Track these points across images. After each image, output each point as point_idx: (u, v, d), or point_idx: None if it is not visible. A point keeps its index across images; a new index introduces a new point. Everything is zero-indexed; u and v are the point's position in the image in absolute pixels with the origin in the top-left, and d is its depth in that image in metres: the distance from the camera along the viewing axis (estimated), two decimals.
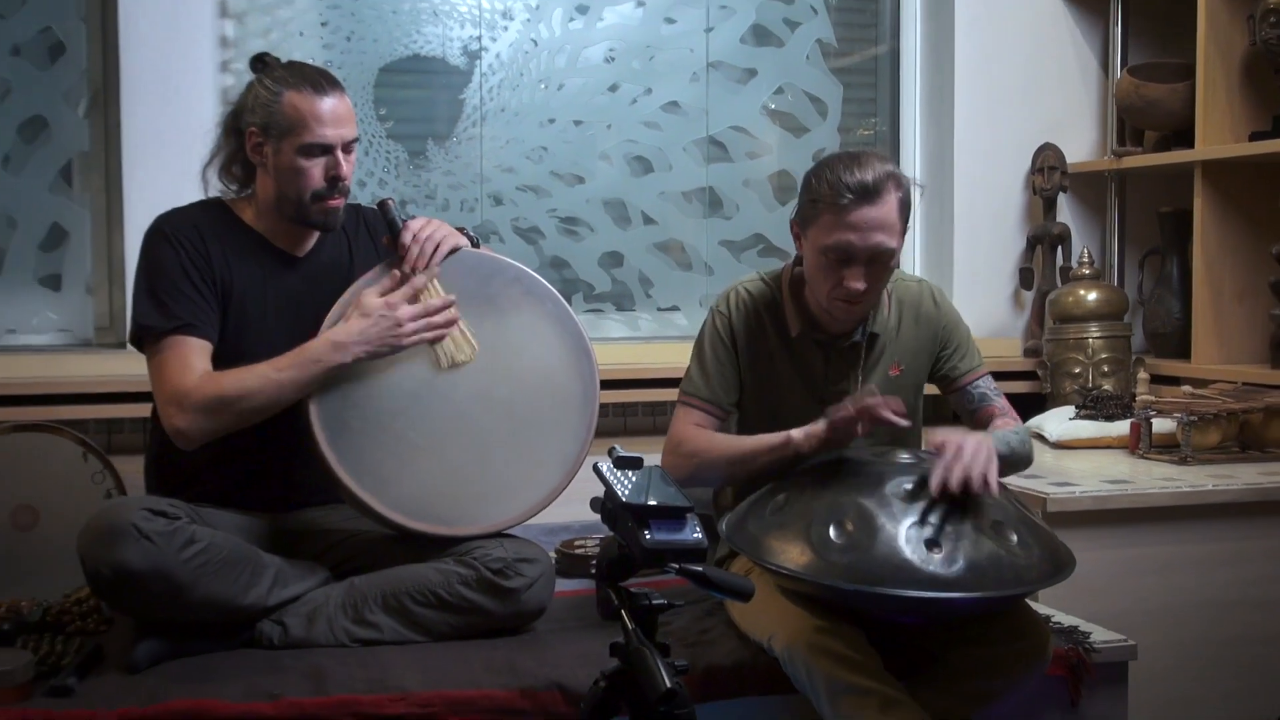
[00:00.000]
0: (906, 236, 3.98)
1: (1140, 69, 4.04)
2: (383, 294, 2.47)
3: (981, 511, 2.21)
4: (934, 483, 2.19)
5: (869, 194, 2.35)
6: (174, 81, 3.59)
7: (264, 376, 2.41)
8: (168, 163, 3.47)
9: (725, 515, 2.46)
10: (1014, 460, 2.43)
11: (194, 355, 2.45)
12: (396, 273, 2.51)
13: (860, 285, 2.38)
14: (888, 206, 2.37)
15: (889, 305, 2.57)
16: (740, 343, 2.56)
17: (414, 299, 2.48)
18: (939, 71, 4.24)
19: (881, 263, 2.40)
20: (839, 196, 2.35)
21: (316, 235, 2.61)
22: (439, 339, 2.50)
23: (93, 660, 2.29)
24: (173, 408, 2.42)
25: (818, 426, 2.35)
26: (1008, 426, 2.51)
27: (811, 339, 2.53)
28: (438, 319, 2.49)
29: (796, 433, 2.38)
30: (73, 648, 2.33)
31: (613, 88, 4.04)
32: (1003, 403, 2.62)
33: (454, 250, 2.56)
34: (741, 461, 2.47)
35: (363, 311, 2.44)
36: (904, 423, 2.29)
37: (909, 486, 2.23)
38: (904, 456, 2.36)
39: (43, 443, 2.76)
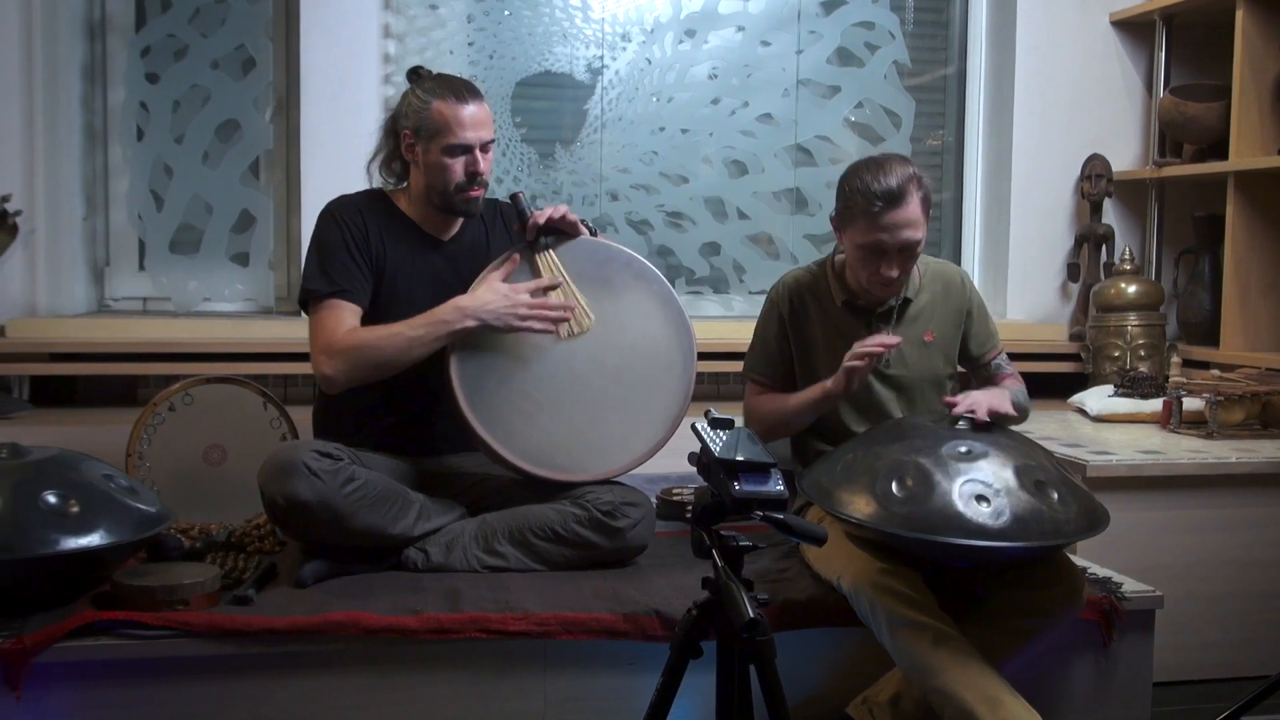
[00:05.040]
0: (967, 235, 3.89)
1: (1181, 89, 3.93)
2: (505, 278, 2.47)
3: (1027, 472, 2.18)
4: (960, 409, 2.30)
5: (895, 199, 2.32)
6: (345, 91, 3.65)
7: (397, 333, 2.42)
8: (339, 159, 3.51)
9: (802, 471, 2.46)
10: (1018, 408, 2.46)
11: (346, 315, 2.48)
12: (516, 257, 2.51)
13: (894, 273, 2.39)
14: (912, 206, 2.35)
15: (920, 276, 2.56)
16: (788, 321, 2.56)
17: (538, 292, 2.47)
18: (1000, 90, 4.15)
19: (910, 252, 2.39)
20: (870, 204, 2.33)
21: (460, 222, 2.62)
22: (546, 330, 2.47)
23: (268, 576, 2.34)
24: (323, 356, 2.44)
25: (839, 373, 2.39)
26: (1013, 386, 2.55)
27: (854, 306, 2.53)
28: (551, 314, 2.47)
29: (827, 381, 2.42)
30: (252, 565, 2.39)
31: (715, 101, 4.01)
32: (1011, 369, 2.63)
33: (574, 236, 2.56)
34: (798, 414, 2.50)
35: (490, 287, 2.45)
36: (894, 340, 2.36)
37: (962, 449, 2.21)
38: (959, 424, 2.32)
39: (231, 393, 2.81)
